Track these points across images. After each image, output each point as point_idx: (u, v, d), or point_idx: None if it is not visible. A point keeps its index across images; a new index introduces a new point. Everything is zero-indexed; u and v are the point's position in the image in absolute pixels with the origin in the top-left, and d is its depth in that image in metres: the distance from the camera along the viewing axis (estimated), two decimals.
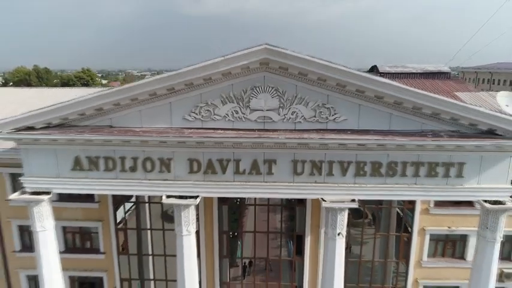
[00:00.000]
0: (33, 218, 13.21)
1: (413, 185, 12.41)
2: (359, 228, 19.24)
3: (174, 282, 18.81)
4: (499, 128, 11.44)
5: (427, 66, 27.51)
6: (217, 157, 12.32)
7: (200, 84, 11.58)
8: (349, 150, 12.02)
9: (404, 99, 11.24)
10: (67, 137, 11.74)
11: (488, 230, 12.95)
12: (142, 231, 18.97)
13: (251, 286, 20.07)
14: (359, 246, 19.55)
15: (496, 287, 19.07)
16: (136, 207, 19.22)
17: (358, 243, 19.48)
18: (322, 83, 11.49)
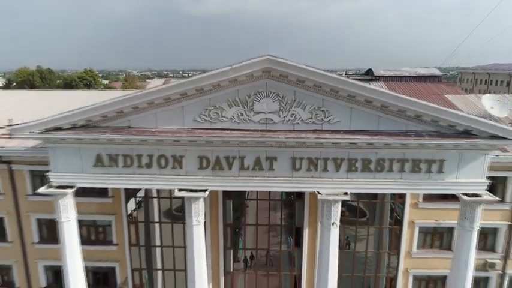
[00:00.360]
0: (59, 209, 14.72)
1: (399, 180, 13.93)
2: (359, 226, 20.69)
3: (181, 271, 20.44)
4: (474, 128, 12.95)
5: (419, 70, 29.06)
6: (224, 154, 13.84)
7: (210, 90, 13.10)
8: (342, 149, 13.54)
9: (390, 103, 12.75)
10: (91, 137, 13.26)
11: (467, 220, 14.47)
12: (150, 224, 20.46)
13: (253, 276, 21.60)
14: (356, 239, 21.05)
15: (481, 276, 20.74)
16: (145, 201, 20.70)
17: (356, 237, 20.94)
18: (318, 88, 13.00)
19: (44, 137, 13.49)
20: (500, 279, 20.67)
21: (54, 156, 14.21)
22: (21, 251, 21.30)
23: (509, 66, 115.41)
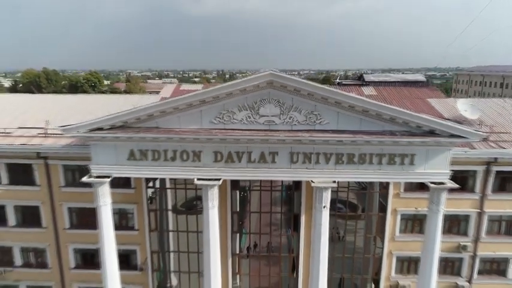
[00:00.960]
0: (98, 195, 17.87)
1: (378, 171, 17.10)
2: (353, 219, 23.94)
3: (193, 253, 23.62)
4: (437, 129, 16.11)
5: (406, 76, 32.79)
6: (235, 150, 17.01)
7: (224, 97, 16.26)
8: (331, 145, 16.70)
9: (369, 108, 15.90)
10: (127, 135, 16.41)
11: (434, 204, 17.64)
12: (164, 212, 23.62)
13: (256, 258, 24.79)
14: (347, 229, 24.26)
15: (455, 257, 23.89)
16: (160, 192, 23.83)
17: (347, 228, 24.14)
18: (311, 96, 16.16)
19: (89, 136, 16.64)
20: (471, 260, 23.83)
21: (95, 151, 17.37)
22: (54, 235, 24.46)
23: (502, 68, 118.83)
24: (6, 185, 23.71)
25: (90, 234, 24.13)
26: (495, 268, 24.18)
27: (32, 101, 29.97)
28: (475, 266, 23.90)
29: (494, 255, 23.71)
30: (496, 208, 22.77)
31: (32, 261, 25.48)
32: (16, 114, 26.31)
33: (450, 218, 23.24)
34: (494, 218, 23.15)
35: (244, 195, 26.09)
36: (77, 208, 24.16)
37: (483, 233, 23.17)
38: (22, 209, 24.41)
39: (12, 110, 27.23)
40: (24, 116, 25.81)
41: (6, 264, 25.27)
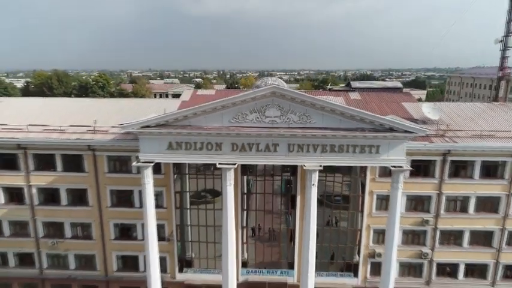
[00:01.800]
0: (144, 176, 24.02)
1: (352, 157, 23.26)
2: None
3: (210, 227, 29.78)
4: (394, 126, 22.25)
5: (386, 83, 39.18)
6: (247, 142, 23.14)
7: (239, 103, 22.40)
8: (317, 138, 22.83)
9: (344, 112, 22.04)
10: (168, 131, 22.57)
11: (395, 183, 23.80)
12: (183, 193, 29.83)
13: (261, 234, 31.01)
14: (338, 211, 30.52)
15: (420, 230, 29.90)
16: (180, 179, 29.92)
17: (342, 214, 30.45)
18: (303, 103, 22.31)
19: (141, 131, 22.78)
20: (433, 232, 29.96)
21: (143, 143, 23.52)
22: (98, 212, 30.62)
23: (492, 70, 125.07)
24: (61, 172, 29.88)
25: (126, 211, 30.48)
26: (452, 239, 30.33)
27: (74, 105, 36.25)
28: (436, 237, 30.06)
29: (451, 228, 29.86)
30: (452, 190, 28.93)
31: (79, 234, 31.64)
32: (62, 115, 32.40)
33: (415, 198, 29.51)
34: (451, 198, 29.31)
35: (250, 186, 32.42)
36: (116, 190, 30.34)
37: (442, 210, 29.33)
38: (72, 191, 30.60)
39: (59, 111, 33.35)
40: (72, 117, 31.90)
41: (58, 237, 31.38)
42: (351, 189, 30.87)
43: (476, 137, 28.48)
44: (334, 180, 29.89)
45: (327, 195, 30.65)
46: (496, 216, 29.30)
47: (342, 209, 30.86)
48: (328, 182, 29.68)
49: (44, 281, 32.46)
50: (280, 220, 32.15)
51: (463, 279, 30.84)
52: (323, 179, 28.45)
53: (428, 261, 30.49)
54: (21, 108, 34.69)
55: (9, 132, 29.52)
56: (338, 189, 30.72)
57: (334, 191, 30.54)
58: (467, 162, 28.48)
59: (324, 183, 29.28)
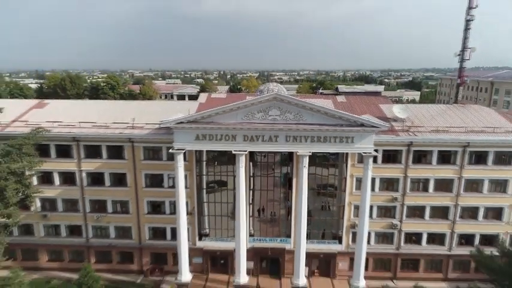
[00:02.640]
0: (176, 160, 32.12)
1: (333, 146, 31.46)
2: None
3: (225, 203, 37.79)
4: (364, 122, 30.36)
5: (368, 88, 46.63)
6: (255, 134, 31.25)
7: (249, 106, 30.50)
8: (308, 132, 30.96)
9: (328, 112, 30.16)
10: (196, 126, 30.70)
11: (365, 165, 31.91)
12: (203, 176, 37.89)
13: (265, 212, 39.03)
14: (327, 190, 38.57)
15: (390, 206, 37.90)
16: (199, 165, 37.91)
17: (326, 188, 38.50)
18: (297, 105, 30.42)
19: (176, 126, 30.87)
20: (401, 207, 38.00)
21: (177, 135, 31.64)
22: (135, 192, 38.62)
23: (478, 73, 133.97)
24: (105, 159, 37.91)
25: (157, 191, 38.51)
26: (417, 212, 38.36)
27: (111, 106, 44.39)
28: (404, 211, 38.11)
29: (415, 204, 37.93)
30: (415, 173, 37.00)
31: (118, 209, 39.67)
32: (104, 114, 40.41)
33: (387, 180, 37.54)
34: (414, 180, 37.37)
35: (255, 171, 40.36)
36: (149, 174, 38.37)
37: (408, 189, 37.36)
38: (114, 175, 38.62)
39: (100, 111, 41.38)
40: (112, 116, 39.89)
41: (101, 212, 39.38)
42: (338, 174, 38.87)
43: (434, 131, 36.62)
44: (329, 174, 37.86)
45: (322, 186, 38.60)
46: (450, 195, 37.38)
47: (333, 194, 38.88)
48: (324, 176, 37.73)
49: (89, 248, 40.53)
50: (280, 205, 40.07)
51: (426, 246, 38.93)
52: (319, 174, 36.81)
53: (398, 231, 38.59)
54: (67, 109, 42.79)
55: (64, 127, 37.56)
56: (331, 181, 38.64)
57: (328, 182, 38.43)
58: (427, 151, 36.58)
59: (320, 177, 37.50)
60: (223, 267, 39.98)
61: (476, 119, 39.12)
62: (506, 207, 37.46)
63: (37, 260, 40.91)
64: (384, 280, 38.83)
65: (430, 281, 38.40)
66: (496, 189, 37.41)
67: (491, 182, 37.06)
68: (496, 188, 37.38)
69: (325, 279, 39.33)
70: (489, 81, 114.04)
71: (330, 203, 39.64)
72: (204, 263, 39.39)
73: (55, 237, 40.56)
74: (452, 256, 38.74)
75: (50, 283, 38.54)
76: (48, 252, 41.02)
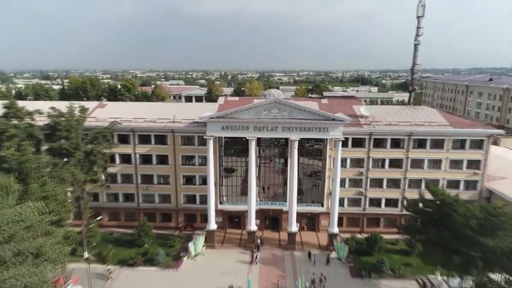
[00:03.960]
0: (208, 144, 47.94)
1: (315, 134, 47.40)
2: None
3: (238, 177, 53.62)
4: (335, 118, 46.16)
5: (345, 94, 62.35)
6: (262, 126, 47.16)
7: (258, 107, 46.33)
8: (297, 124, 46.89)
9: (311, 110, 45.94)
10: (223, 120, 46.54)
11: (335, 147, 47.61)
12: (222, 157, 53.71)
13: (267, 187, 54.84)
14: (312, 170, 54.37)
15: (358, 179, 53.79)
16: (219, 150, 53.61)
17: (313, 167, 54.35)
18: (289, 106, 46.23)
19: (208, 120, 46.66)
20: (366, 179, 53.82)
21: (209, 126, 47.51)
22: (174, 169, 54.41)
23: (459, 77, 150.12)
24: (153, 145, 53.63)
25: (190, 168, 54.29)
26: (377, 183, 54.10)
27: (154, 107, 60.18)
28: (368, 182, 53.88)
29: (376, 177, 53.74)
30: (375, 155, 52.82)
31: (161, 181, 55.34)
32: (150, 112, 56.12)
33: (355, 159, 53.31)
34: (374, 159, 53.19)
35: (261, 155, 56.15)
36: (184, 155, 54.17)
37: (370, 166, 53.13)
38: (159, 156, 54.33)
39: (146, 110, 57.11)
40: (156, 113, 55.58)
41: (149, 183, 55.03)
42: (322, 155, 54.50)
43: (388, 124, 52.39)
44: (315, 159, 53.69)
45: (314, 172, 54.33)
46: (401, 170, 53.18)
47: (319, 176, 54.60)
48: (314, 165, 53.48)
49: (139, 211, 56.19)
50: (279, 186, 55.65)
51: (384, 208, 54.70)
52: (311, 163, 52.57)
53: (364, 197, 54.37)
54: (122, 108, 58.53)
55: (124, 122, 53.17)
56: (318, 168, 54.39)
57: (316, 170, 54.19)
58: (383, 138, 52.35)
59: (313, 166, 53.22)
60: (237, 224, 55.73)
61: (421, 116, 54.94)
62: (441, 179, 53.14)
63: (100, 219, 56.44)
64: (354, 233, 54.44)
65: (387, 234, 53.91)
66: (433, 166, 53.14)
67: (429, 161, 52.85)
68: (433, 166, 53.13)
69: (311, 232, 55.09)
70: (465, 85, 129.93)
71: (317, 183, 55.20)
72: (223, 221, 55.05)
73: (114, 202, 56.19)
74: (403, 215, 54.31)
75: (112, 235, 54.15)
76: (109, 214, 56.57)
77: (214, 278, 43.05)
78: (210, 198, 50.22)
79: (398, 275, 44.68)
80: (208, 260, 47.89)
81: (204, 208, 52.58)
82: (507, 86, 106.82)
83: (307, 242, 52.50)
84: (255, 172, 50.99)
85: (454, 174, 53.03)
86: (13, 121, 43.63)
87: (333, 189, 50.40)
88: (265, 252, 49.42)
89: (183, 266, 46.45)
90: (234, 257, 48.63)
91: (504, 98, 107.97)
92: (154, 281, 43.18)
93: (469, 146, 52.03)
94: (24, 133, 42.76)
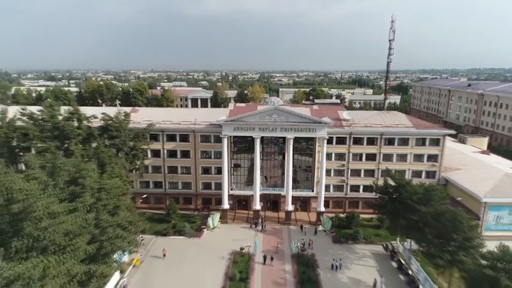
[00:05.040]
0: (223, 142, 62.68)
1: (306, 133, 61.94)
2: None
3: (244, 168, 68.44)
4: (321, 121, 60.82)
5: (332, 101, 77.07)
6: (265, 127, 61.93)
7: (262, 112, 60.97)
8: (292, 125, 61.63)
9: (301, 116, 60.61)
10: (235, 123, 61.17)
11: (322, 143, 62.27)
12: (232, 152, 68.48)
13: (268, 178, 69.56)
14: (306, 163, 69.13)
15: (341, 169, 68.73)
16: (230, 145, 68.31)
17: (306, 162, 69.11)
18: (286, 112, 60.90)
19: (224, 123, 61.30)
20: (347, 170, 68.62)
21: (224, 127, 62.26)
22: (194, 161, 69.40)
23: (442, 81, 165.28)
24: (178, 142, 68.33)
25: (207, 161, 69.27)
26: (356, 173, 68.83)
27: (178, 111, 74.94)
28: (349, 172, 68.68)
29: (355, 168, 68.61)
30: (354, 150, 67.68)
31: (184, 172, 69.99)
32: (174, 116, 70.82)
33: (339, 154, 68.13)
34: (354, 154, 68.03)
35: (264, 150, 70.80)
36: (203, 150, 68.92)
37: (350, 159, 67.91)
38: (183, 151, 69.02)
39: (172, 114, 71.82)
40: (180, 117, 70.29)
41: (174, 173, 69.72)
42: (312, 151, 69.05)
43: (364, 126, 67.02)
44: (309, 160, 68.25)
45: (306, 165, 68.97)
46: (375, 163, 67.97)
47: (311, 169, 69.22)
48: (307, 161, 68.15)
49: (165, 195, 70.88)
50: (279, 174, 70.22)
51: (362, 193, 69.46)
52: (304, 159, 67.23)
53: (346, 184, 69.10)
54: (152, 113, 73.17)
55: (156, 124, 67.75)
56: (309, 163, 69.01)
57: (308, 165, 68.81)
58: (361, 137, 67.04)
59: (305, 161, 67.87)
60: (244, 206, 70.41)
61: (391, 119, 69.63)
62: (407, 170, 67.71)
63: (135, 202, 71.01)
64: (337, 213, 69.00)
65: (365, 213, 68.44)
66: (400, 160, 67.80)
67: (397, 155, 67.52)
68: (400, 159, 67.80)
69: (303, 212, 69.77)
70: (447, 89, 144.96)
71: (308, 176, 69.77)
72: (233, 204, 69.62)
73: (145, 189, 70.79)
74: (377, 198, 68.89)
75: (145, 214, 68.70)
76: (141, 198, 71.14)
77: (228, 244, 57.60)
78: (225, 185, 64.83)
79: (369, 242, 59.35)
80: (223, 231, 62.55)
81: (218, 193, 67.36)
82: (481, 91, 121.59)
83: (300, 219, 67.19)
84: (259, 164, 65.55)
85: (417, 165, 67.73)
86: (75, 123, 58.21)
87: (320, 178, 64.97)
88: (267, 227, 64.04)
89: (204, 236, 61.05)
90: (242, 229, 63.34)
91: (479, 102, 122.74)
92: (182, 246, 57.72)
93: (428, 143, 66.78)
94: (85, 132, 57.38)
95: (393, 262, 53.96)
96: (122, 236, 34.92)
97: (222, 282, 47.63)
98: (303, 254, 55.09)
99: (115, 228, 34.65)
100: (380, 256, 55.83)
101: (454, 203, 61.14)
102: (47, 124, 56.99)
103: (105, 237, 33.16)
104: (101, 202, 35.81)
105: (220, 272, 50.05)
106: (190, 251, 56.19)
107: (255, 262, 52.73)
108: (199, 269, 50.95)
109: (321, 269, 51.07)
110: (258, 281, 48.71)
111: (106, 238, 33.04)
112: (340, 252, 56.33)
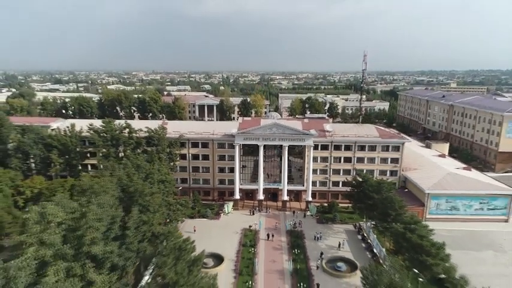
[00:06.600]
0: (235, 148, 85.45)
1: (297, 142, 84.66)
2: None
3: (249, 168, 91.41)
4: (307, 133, 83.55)
5: (319, 116, 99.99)
6: (267, 137, 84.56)
7: (264, 127, 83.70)
8: (287, 136, 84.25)
9: (292, 128, 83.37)
10: (244, 134, 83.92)
11: (308, 151, 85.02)
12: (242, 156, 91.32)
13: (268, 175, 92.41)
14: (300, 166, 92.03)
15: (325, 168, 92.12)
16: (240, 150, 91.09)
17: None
18: (282, 126, 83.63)
19: (237, 133, 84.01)
20: (330, 169, 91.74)
21: (236, 137, 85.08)
22: (212, 163, 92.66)
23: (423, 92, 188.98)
24: (199, 148, 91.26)
25: (222, 162, 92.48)
26: (337, 172, 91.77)
27: (199, 124, 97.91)
28: (331, 171, 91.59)
29: (336, 168, 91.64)
30: (335, 154, 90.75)
31: (204, 170, 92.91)
32: (198, 128, 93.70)
33: (323, 157, 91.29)
34: (335, 157, 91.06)
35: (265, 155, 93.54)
36: (219, 155, 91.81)
37: (332, 162, 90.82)
38: (203, 155, 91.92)
39: (195, 126, 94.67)
40: (200, 128, 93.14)
41: (196, 171, 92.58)
42: (303, 156, 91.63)
43: (342, 136, 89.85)
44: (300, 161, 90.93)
45: (299, 166, 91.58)
46: (351, 164, 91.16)
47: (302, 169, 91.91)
48: (299, 162, 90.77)
49: (190, 189, 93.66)
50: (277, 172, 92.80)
51: (341, 187, 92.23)
52: (297, 161, 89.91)
53: (329, 180, 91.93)
54: (179, 125, 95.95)
55: (183, 134, 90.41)
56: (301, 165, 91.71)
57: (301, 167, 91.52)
58: (340, 145, 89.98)
59: (298, 163, 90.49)
60: (250, 197, 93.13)
61: (363, 131, 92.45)
62: (375, 170, 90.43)
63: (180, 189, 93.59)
64: (322, 203, 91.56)
65: (343, 203, 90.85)
66: (370, 162, 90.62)
67: (368, 158, 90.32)
68: (370, 161, 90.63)
69: (296, 202, 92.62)
70: (426, 100, 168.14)
71: (301, 174, 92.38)
72: (242, 196, 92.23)
73: None
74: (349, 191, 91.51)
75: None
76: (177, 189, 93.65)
77: (240, 223, 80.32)
78: (236, 180, 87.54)
79: (344, 222, 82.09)
80: (235, 215, 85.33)
81: (231, 187, 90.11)
82: (451, 102, 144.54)
83: (293, 207, 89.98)
84: (262, 165, 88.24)
85: (383, 166, 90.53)
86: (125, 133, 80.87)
87: (308, 176, 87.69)
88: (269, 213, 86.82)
89: (221, 218, 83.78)
90: (249, 214, 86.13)
91: (449, 112, 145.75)
92: (207, 225, 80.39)
93: (391, 149, 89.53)
94: (135, 142, 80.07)
95: (359, 236, 76.68)
96: (180, 209, 58.04)
97: (237, 247, 70.35)
98: (294, 230, 77.75)
99: (175, 205, 57.76)
100: (350, 232, 78.57)
101: (408, 194, 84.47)
102: (107, 135, 79.72)
103: (171, 210, 56.25)
104: (165, 189, 58.85)
105: (235, 241, 72.79)
106: (212, 228, 78.94)
107: (259, 237, 75.44)
108: (221, 239, 73.69)
109: (306, 239, 73.77)
110: (262, 247, 71.44)
111: (173, 210, 56.10)
112: (321, 230, 79.02)
